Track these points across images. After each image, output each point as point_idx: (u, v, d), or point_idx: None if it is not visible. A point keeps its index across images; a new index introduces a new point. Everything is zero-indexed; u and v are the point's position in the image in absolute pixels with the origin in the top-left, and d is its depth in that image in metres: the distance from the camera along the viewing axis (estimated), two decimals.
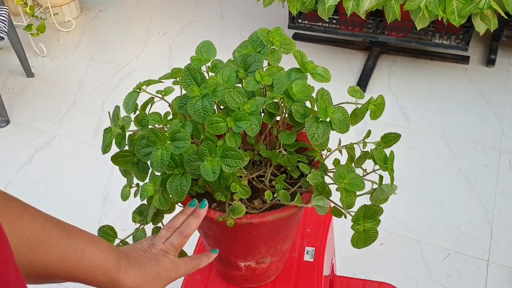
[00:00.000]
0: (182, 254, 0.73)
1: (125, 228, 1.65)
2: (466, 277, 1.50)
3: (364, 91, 2.29)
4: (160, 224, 0.75)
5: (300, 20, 2.42)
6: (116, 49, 2.76)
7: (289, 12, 2.32)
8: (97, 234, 0.74)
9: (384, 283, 1.26)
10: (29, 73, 2.54)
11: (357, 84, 2.32)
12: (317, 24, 2.39)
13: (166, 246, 0.66)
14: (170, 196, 0.68)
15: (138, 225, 0.75)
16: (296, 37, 2.69)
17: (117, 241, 0.74)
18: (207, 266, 0.93)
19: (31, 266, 0.49)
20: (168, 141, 0.65)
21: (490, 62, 2.43)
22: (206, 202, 0.70)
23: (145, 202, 0.75)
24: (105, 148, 0.72)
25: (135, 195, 0.74)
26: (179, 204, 0.73)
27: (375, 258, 1.57)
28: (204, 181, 0.72)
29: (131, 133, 0.73)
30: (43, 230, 0.49)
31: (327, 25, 2.38)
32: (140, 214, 0.75)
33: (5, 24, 2.14)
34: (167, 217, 0.74)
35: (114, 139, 0.72)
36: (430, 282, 1.50)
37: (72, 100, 2.37)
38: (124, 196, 0.74)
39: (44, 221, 0.50)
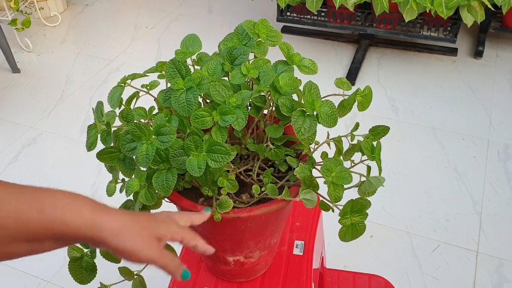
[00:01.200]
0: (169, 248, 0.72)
1: None
2: (455, 268, 1.51)
3: (353, 84, 2.29)
4: None
5: (288, 13, 2.40)
6: (103, 44, 2.72)
7: (278, 5, 2.31)
8: None
9: (374, 275, 1.27)
10: (15, 69, 2.50)
11: (346, 77, 2.32)
12: (305, 17, 2.38)
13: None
14: (156, 191, 0.67)
15: None
16: (285, 30, 2.67)
17: None
18: (195, 261, 0.92)
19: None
20: (153, 136, 0.64)
21: (478, 53, 2.44)
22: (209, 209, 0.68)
23: (131, 197, 0.74)
24: (90, 145, 0.71)
25: (120, 191, 0.73)
26: (166, 199, 0.72)
27: (366, 251, 1.58)
28: (191, 176, 0.71)
29: (116, 129, 0.72)
30: None
31: (315, 18, 2.37)
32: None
33: None
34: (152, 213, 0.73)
35: (99, 136, 0.71)
36: (420, 273, 1.50)
37: (59, 96, 2.34)
38: (110, 192, 0.73)
39: None
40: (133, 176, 0.70)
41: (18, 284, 1.53)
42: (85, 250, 0.72)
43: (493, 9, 1.97)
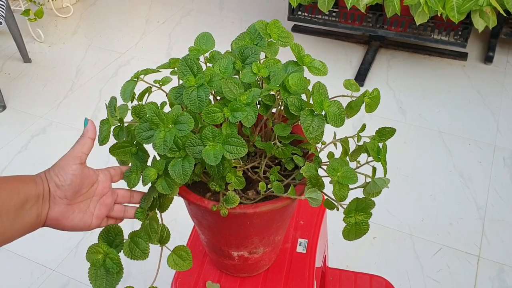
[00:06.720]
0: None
1: None
2: (456, 272, 1.52)
3: (362, 85, 2.30)
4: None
5: (300, 12, 2.41)
6: (114, 37, 2.75)
7: (289, 4, 2.32)
8: None
9: (375, 276, 1.28)
10: (26, 59, 2.53)
11: (355, 78, 2.33)
12: (316, 16, 2.39)
13: None
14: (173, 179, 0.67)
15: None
16: (295, 29, 2.68)
17: None
18: (200, 255, 0.94)
19: None
20: (171, 124, 0.65)
21: (488, 59, 2.43)
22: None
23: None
24: (102, 140, 0.72)
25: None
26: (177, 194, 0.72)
27: (368, 251, 1.59)
28: (201, 169, 0.73)
29: (127, 124, 0.73)
30: None
31: (326, 18, 2.37)
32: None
33: (3, 8, 2.12)
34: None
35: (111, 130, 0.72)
36: (421, 275, 1.51)
37: (69, 87, 2.37)
38: (132, 184, 0.72)
39: None
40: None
41: (24, 272, 1.56)
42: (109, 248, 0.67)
43: (505, 15, 1.97)
